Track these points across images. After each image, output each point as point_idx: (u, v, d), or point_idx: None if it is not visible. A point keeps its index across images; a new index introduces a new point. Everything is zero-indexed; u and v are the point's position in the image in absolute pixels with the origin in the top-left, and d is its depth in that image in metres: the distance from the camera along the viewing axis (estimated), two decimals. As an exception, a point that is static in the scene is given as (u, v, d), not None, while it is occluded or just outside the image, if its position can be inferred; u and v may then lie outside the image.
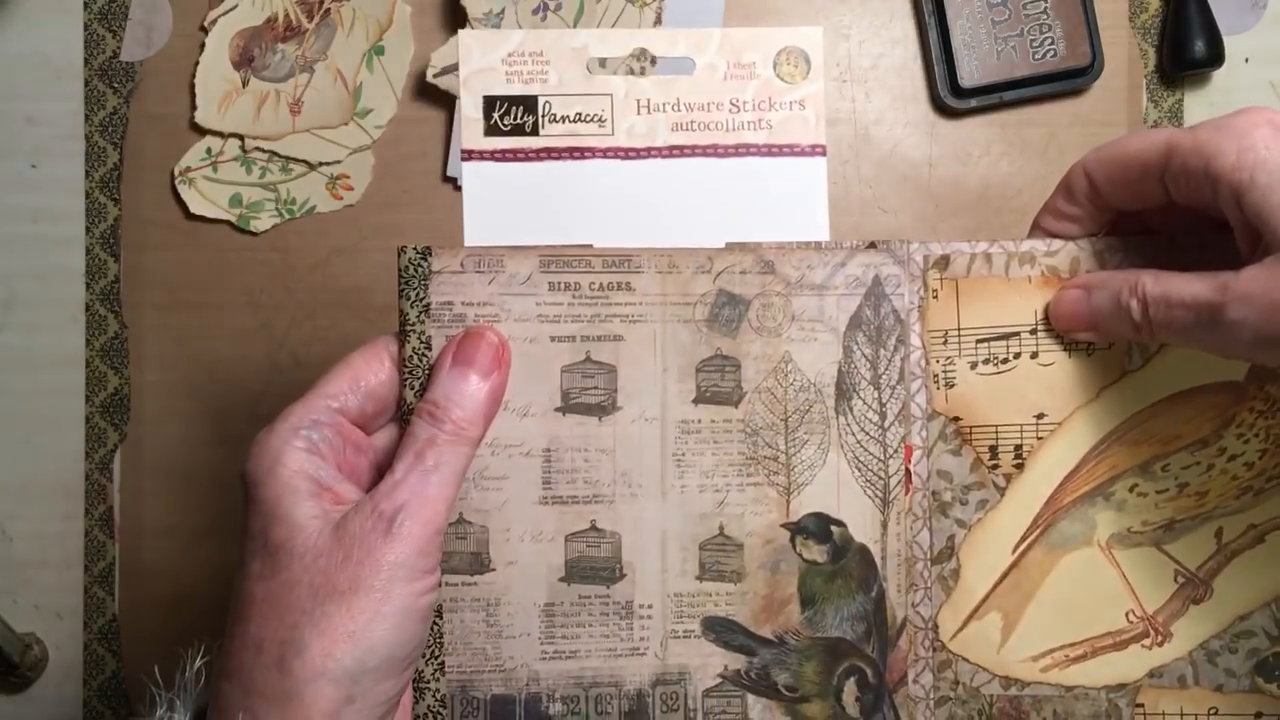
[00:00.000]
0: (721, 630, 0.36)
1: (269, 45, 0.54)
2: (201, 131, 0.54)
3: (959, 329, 0.37)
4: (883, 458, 0.36)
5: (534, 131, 0.37)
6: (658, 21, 0.54)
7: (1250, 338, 0.31)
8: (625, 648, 0.36)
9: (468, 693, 0.35)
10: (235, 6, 0.54)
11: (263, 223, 0.54)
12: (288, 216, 0.54)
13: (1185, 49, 0.53)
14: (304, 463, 0.32)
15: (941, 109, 0.55)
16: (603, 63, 0.37)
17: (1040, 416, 0.37)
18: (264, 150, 0.54)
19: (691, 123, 0.37)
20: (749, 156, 0.37)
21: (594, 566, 0.36)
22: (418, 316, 0.35)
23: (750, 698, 0.36)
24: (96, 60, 0.55)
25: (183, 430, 0.54)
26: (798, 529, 0.36)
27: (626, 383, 0.36)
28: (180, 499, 0.54)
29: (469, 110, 0.36)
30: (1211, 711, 0.36)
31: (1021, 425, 0.37)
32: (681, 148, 0.37)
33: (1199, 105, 0.56)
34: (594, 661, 0.36)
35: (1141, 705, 0.36)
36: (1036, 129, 0.55)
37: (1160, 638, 0.37)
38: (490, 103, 0.37)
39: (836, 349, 0.36)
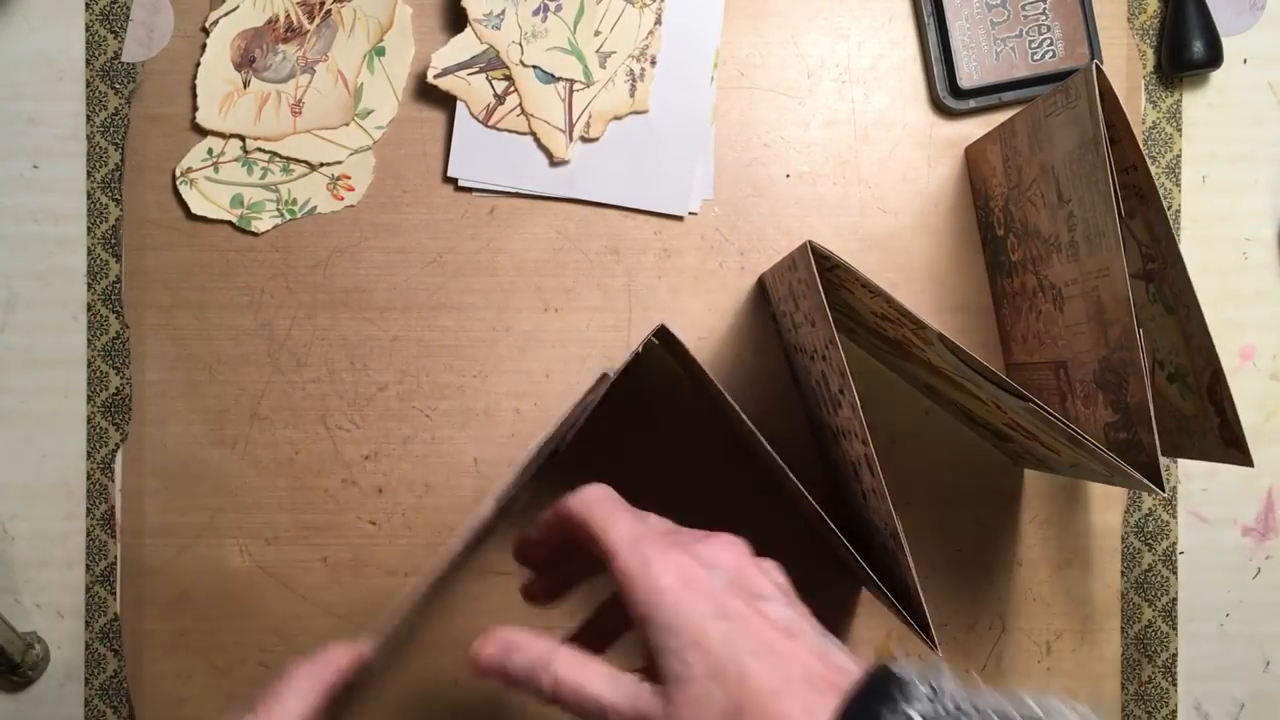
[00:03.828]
0: None
1: (270, 46, 0.54)
2: (203, 132, 0.54)
3: None
4: None
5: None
6: (658, 22, 0.54)
7: None
8: None
9: None
10: (236, 7, 0.54)
11: (264, 223, 0.54)
12: (289, 217, 0.55)
13: (1184, 50, 0.54)
14: None
15: (941, 109, 0.55)
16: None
17: None
18: (265, 151, 0.54)
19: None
20: None
21: None
22: None
23: None
24: (98, 61, 0.55)
25: (183, 430, 0.54)
26: None
27: None
28: (181, 499, 0.54)
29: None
30: None
31: None
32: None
33: (1197, 106, 0.56)
34: None
35: None
36: (1035, 129, 0.55)
37: None
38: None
39: None
